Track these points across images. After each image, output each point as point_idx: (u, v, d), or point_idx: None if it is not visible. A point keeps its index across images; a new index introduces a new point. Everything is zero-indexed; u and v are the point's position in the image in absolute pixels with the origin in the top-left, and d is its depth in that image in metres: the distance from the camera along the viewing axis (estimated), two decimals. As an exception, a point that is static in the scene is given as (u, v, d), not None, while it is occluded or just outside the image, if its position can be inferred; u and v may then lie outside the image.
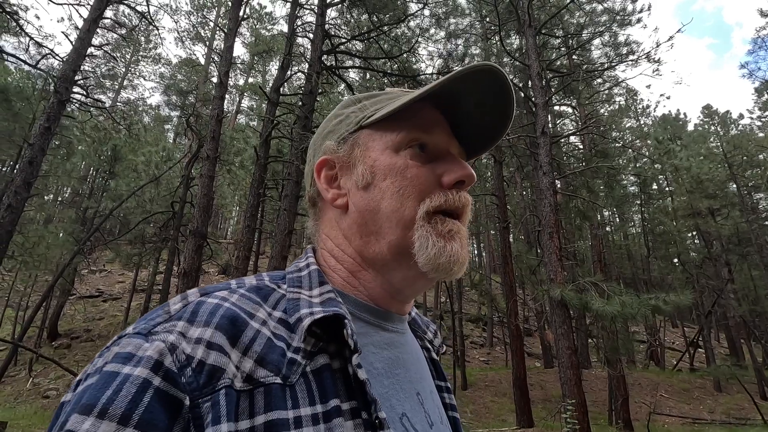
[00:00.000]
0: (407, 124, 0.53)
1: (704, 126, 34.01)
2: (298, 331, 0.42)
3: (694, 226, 18.00)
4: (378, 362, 0.47)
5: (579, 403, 6.10)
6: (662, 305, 6.36)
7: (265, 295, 0.46)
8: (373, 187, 0.51)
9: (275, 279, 0.50)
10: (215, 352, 0.37)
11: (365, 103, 0.57)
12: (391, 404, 0.45)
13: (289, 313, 0.44)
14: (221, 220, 35.60)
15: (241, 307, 0.42)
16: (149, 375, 0.34)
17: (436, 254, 0.47)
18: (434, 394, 0.56)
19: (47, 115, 7.02)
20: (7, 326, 15.56)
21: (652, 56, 10.62)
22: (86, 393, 0.33)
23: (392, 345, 0.51)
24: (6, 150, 15.63)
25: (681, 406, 13.00)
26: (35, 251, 11.69)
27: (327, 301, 0.45)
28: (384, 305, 0.53)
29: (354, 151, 0.54)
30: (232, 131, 18.57)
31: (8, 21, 10.42)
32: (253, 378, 0.37)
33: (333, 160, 0.55)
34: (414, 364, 0.53)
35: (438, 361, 0.65)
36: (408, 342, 0.55)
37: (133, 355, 0.35)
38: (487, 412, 12.53)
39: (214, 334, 0.38)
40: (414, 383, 0.50)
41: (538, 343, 19.30)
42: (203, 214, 7.13)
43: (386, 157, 0.52)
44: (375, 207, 0.50)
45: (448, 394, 0.62)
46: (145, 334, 0.37)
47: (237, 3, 9.00)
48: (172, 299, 0.43)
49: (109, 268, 22.76)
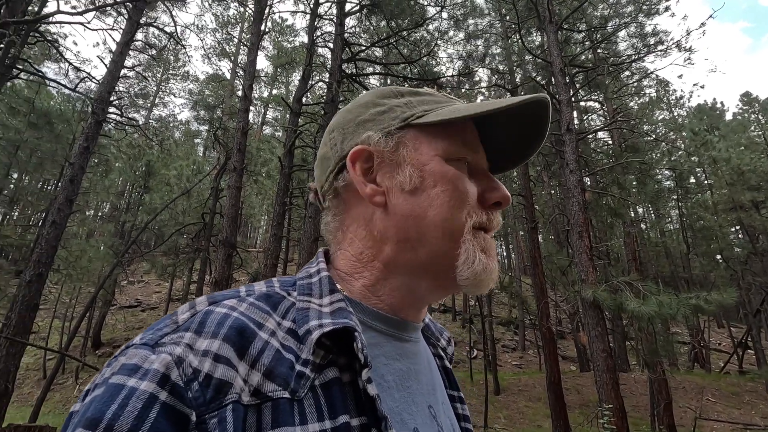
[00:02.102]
0: (459, 137, 0.52)
1: (744, 114, 32.28)
2: (307, 343, 0.41)
3: (737, 220, 17.06)
4: (389, 374, 0.46)
5: (616, 408, 5.87)
6: (704, 304, 6.03)
7: (275, 304, 0.45)
8: (421, 192, 0.49)
9: (285, 285, 0.48)
10: (223, 366, 0.36)
11: (411, 100, 0.54)
12: (403, 419, 0.44)
13: (298, 323, 0.43)
14: (251, 229, 36.46)
15: (250, 317, 0.41)
16: (155, 389, 0.33)
17: (482, 270, 0.48)
18: (446, 405, 0.55)
19: (85, 135, 7.42)
20: (55, 336, 16.42)
21: (682, 45, 10.21)
22: (92, 405, 0.32)
23: (404, 355, 0.50)
24: (50, 170, 16.61)
25: (730, 411, 12.27)
26: (78, 264, 12.33)
27: (337, 311, 0.44)
28: (403, 314, 0.51)
29: (400, 149, 0.51)
30: (258, 142, 19.05)
31: (49, 49, 11.12)
32: (261, 392, 0.36)
33: (374, 152, 0.51)
34: (426, 375, 0.52)
35: (451, 369, 0.63)
36: (421, 351, 0.54)
37: (139, 367, 0.34)
38: (522, 417, 12.23)
39: (221, 346, 0.37)
40: (426, 396, 0.50)
41: (573, 346, 18.71)
42: (232, 224, 7.32)
43: (437, 164, 0.50)
44: (421, 213, 0.48)
45: (461, 404, 0.61)
46: (152, 345, 0.37)
47: (258, 18, 9.26)
48: (181, 308, 0.42)
49: (146, 279, 23.70)
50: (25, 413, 10.27)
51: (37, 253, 6.60)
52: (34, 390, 13.80)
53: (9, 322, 6.15)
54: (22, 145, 13.93)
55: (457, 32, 12.09)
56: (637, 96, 17.36)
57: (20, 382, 14.08)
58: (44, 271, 6.58)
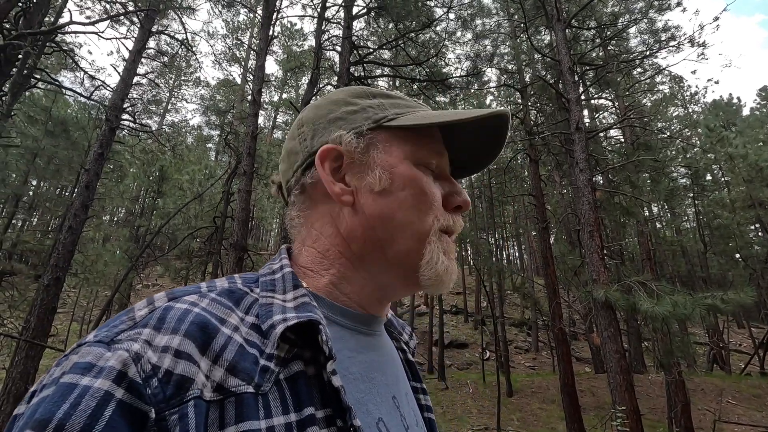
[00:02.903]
0: (427, 142, 0.54)
1: (762, 109, 31.54)
2: (272, 337, 0.40)
3: (756, 218, 16.67)
4: (354, 366, 0.47)
5: (630, 410, 5.76)
6: (720, 304, 5.89)
7: (238, 299, 0.44)
8: (389, 194, 0.50)
9: (248, 282, 0.48)
10: (183, 361, 0.35)
11: (383, 102, 0.54)
12: (368, 409, 0.45)
13: (261, 318, 0.42)
14: (263, 232, 36.80)
15: (212, 312, 0.40)
16: (111, 387, 0.31)
17: (443, 271, 0.50)
18: (410, 396, 0.56)
19: (100, 142, 7.58)
20: (73, 339, 16.77)
21: (695, 40, 10.03)
22: (41, 406, 0.30)
23: (368, 348, 0.50)
24: (67, 176, 16.99)
25: (751, 414, 11.95)
26: (94, 268, 12.59)
27: (301, 306, 0.44)
28: (369, 308, 0.53)
29: (370, 150, 0.51)
30: (269, 146, 19.23)
31: (65, 58, 11.40)
32: (224, 387, 0.36)
33: (344, 152, 0.51)
34: (390, 367, 0.53)
35: (413, 362, 0.64)
36: (384, 344, 0.55)
37: (93, 365, 0.32)
38: (535, 419, 12.09)
39: (182, 341, 0.36)
40: (390, 387, 0.50)
41: (587, 347, 18.44)
42: (242, 227, 7.40)
43: (406, 167, 0.51)
44: (390, 215, 0.49)
45: (424, 395, 0.62)
46: (107, 343, 0.35)
47: (267, 23, 9.36)
48: (138, 304, 0.40)
49: (160, 282, 24.06)
50: (45, 414, 10.49)
51: (54, 257, 6.76)
52: (53, 392, 14.08)
53: (28, 325, 6.30)
54: (40, 152, 14.29)
55: (464, 33, 12.05)
56: (650, 93, 17.08)
57: (40, 384, 14.38)
58: (62, 275, 6.73)
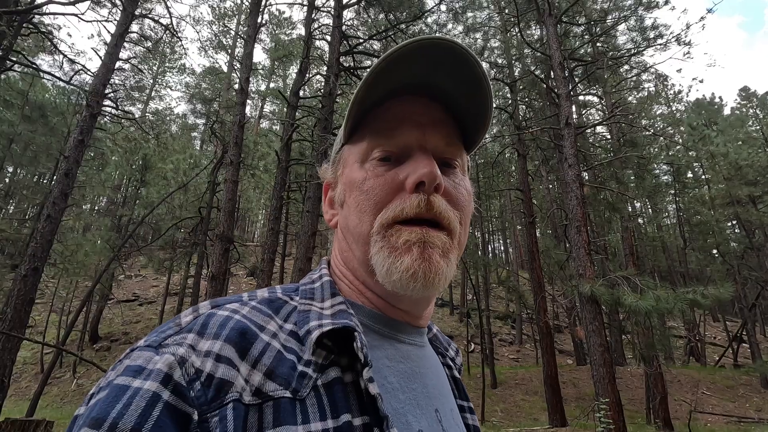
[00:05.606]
0: (369, 131, 0.50)
1: (742, 109, 32.31)
2: (308, 343, 0.41)
3: (734, 215, 17.13)
4: (392, 376, 0.46)
5: (613, 402, 5.90)
6: (700, 299, 6.06)
7: (277, 308, 0.45)
8: (345, 205, 0.51)
9: (288, 291, 0.49)
10: (224, 365, 0.36)
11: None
12: (407, 420, 0.43)
13: (299, 325, 0.44)
14: (248, 223, 36.40)
15: (252, 320, 0.41)
16: (158, 389, 0.33)
17: (387, 271, 0.44)
18: (455, 412, 0.53)
19: (80, 129, 7.34)
20: (52, 330, 16.41)
21: (682, 39, 10.18)
22: (97, 406, 0.33)
23: (408, 358, 0.49)
24: (44, 163, 16.47)
25: (725, 404, 12.39)
26: (74, 259, 12.27)
27: (338, 313, 0.45)
28: (391, 315, 0.51)
29: (338, 170, 0.55)
30: (256, 136, 18.93)
31: (43, 40, 10.97)
32: (262, 391, 0.37)
33: (329, 182, 0.57)
34: (433, 379, 0.51)
35: (460, 380, 0.62)
36: (427, 356, 0.53)
37: (143, 369, 0.35)
38: (519, 410, 12.32)
39: (223, 346, 0.37)
40: (432, 399, 0.48)
41: (570, 340, 18.82)
42: (228, 218, 7.29)
43: (352, 171, 0.51)
44: (345, 225, 0.51)
45: (471, 414, 0.59)
46: (156, 347, 0.37)
47: (255, 10, 9.15)
48: (184, 312, 0.43)
49: (143, 273, 23.66)
50: (23, 407, 10.27)
51: (32, 247, 6.55)
52: (31, 384, 13.81)
53: (5, 317, 6.12)
54: (17, 138, 13.79)
55: (455, 25, 12.02)
56: (636, 90, 17.33)
57: (17, 376, 14.07)
58: (40, 266, 6.54)
